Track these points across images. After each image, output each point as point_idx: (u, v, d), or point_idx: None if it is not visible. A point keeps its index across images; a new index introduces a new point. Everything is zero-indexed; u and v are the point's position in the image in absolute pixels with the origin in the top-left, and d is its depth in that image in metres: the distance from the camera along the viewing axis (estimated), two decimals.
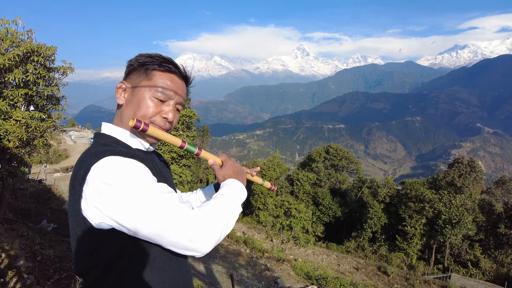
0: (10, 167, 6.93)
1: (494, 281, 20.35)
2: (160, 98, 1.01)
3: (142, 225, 0.83)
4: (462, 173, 24.90)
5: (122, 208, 0.82)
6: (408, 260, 23.86)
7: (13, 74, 5.85)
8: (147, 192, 0.83)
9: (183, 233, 0.84)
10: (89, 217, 0.87)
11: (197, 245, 0.85)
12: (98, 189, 0.83)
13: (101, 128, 1.06)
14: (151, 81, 1.01)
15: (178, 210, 0.85)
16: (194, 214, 0.87)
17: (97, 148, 0.92)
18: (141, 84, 1.00)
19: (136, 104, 1.00)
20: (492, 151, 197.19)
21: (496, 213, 23.42)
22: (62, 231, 9.27)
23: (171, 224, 0.83)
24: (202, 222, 0.86)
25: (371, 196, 27.43)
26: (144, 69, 1.02)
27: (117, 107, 1.06)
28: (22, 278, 4.38)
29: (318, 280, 12.21)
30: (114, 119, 1.05)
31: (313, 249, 21.33)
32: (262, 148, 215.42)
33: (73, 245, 0.95)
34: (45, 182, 18.41)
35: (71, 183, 0.92)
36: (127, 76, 1.04)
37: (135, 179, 0.84)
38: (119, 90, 1.04)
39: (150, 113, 1.00)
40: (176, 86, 1.04)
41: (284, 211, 20.92)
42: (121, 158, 0.87)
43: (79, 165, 0.91)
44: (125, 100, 1.03)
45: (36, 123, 6.28)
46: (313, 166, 33.43)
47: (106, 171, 0.84)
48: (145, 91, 1.00)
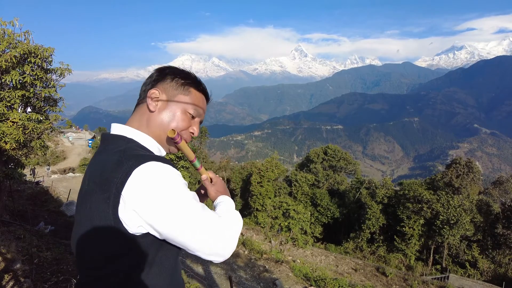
0: (7, 169, 6.88)
1: (492, 281, 20.41)
2: (192, 114, 1.09)
3: (179, 232, 0.87)
4: (460, 174, 24.98)
5: (163, 214, 0.85)
6: (406, 261, 23.90)
7: (10, 76, 5.82)
8: (186, 201, 0.88)
9: (215, 241, 0.90)
10: (124, 221, 0.87)
11: (224, 252, 0.92)
12: (141, 194, 0.84)
13: (111, 129, 1.07)
14: (188, 97, 1.09)
15: (212, 219, 0.91)
16: (222, 223, 0.93)
17: (129, 152, 0.93)
18: (178, 98, 1.07)
19: (172, 115, 1.06)
20: (489, 152, 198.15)
21: (494, 213, 23.51)
22: (59, 233, 9.22)
23: (207, 232, 0.89)
24: (229, 231, 0.94)
25: (369, 197, 27.47)
26: (181, 84, 1.09)
27: (139, 111, 1.08)
28: (19, 282, 4.35)
29: (317, 281, 12.19)
30: (133, 123, 1.06)
31: (311, 250, 21.32)
32: (260, 149, 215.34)
33: (90, 251, 0.93)
34: (42, 184, 18.31)
35: (99, 186, 0.90)
36: (157, 84, 1.08)
37: (175, 187, 0.88)
38: (152, 96, 1.05)
39: (182, 127, 1.07)
40: (205, 106, 1.16)
41: (282, 212, 20.90)
42: (162, 165, 0.89)
43: (112, 167, 0.89)
44: (157, 108, 1.05)
45: (33, 124, 6.23)
46: (311, 167, 33.45)
47: (150, 176, 0.86)
48: (181, 105, 1.07)
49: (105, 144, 1.02)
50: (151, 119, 1.05)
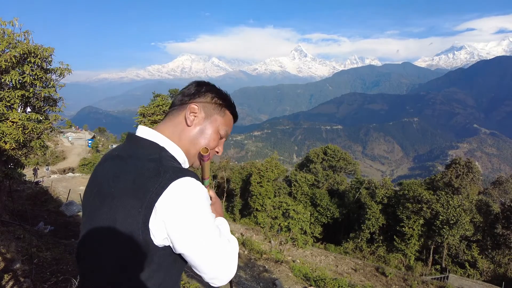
0: (7, 169, 6.88)
1: (492, 281, 20.42)
2: (222, 135, 1.14)
3: (196, 253, 0.90)
4: (460, 174, 24.98)
5: (187, 233, 0.87)
6: (406, 261, 23.90)
7: (10, 76, 5.81)
8: (209, 226, 0.91)
9: (223, 269, 0.94)
10: (153, 232, 0.87)
11: (226, 278, 0.96)
12: (173, 207, 0.86)
13: (138, 131, 1.06)
14: (223, 119, 1.13)
15: (225, 248, 0.94)
16: (229, 251, 0.96)
17: (165, 162, 0.94)
18: (214, 118, 1.11)
19: (206, 133, 1.09)
20: (489, 152, 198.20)
21: (493, 213, 23.52)
22: (59, 233, 9.21)
23: (219, 259, 0.92)
24: (232, 259, 0.97)
25: (369, 197, 27.47)
26: (220, 105, 1.13)
27: (173, 121, 1.09)
28: (19, 282, 4.35)
29: (317, 281, 12.19)
30: (165, 131, 1.07)
31: (311, 250, 21.33)
32: (260, 149, 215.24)
33: (108, 257, 0.92)
34: (42, 184, 18.30)
35: (130, 192, 0.89)
36: (197, 99, 1.10)
37: (204, 209, 0.90)
38: (192, 111, 1.08)
39: (212, 146, 1.11)
40: (232, 126, 1.20)
41: (282, 212, 20.90)
42: (196, 182, 0.91)
43: (149, 176, 0.89)
44: (193, 123, 1.08)
45: (33, 124, 6.23)
46: (311, 167, 33.45)
47: (185, 192, 0.88)
48: (215, 125, 1.11)
49: (134, 147, 1.01)
50: (185, 132, 1.07)
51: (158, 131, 1.06)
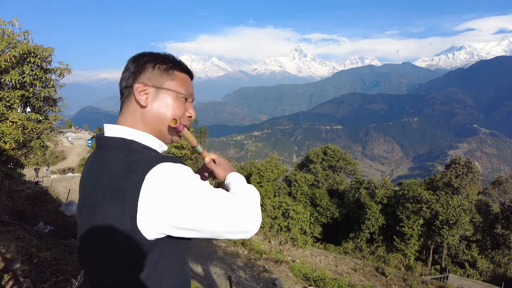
0: (6, 169, 6.88)
1: (491, 281, 20.43)
2: (184, 97, 1.03)
3: (206, 222, 0.85)
4: (459, 174, 25.00)
5: (186, 211, 0.83)
6: (405, 261, 23.91)
7: (10, 76, 5.81)
8: (204, 191, 0.87)
9: (242, 219, 0.90)
10: (144, 229, 0.83)
11: (252, 227, 0.93)
12: (159, 198, 0.81)
13: (104, 130, 1.00)
14: (176, 81, 1.02)
15: (233, 200, 0.91)
16: (243, 201, 0.94)
17: (135, 156, 0.88)
18: (166, 85, 1.00)
19: (165, 105, 0.99)
20: (488, 152, 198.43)
21: (493, 213, 23.53)
22: (58, 233, 9.21)
23: (232, 214, 0.89)
24: (250, 206, 0.95)
25: (369, 197, 27.48)
26: (164, 69, 1.01)
27: (128, 109, 1.01)
28: (18, 282, 4.35)
29: (316, 281, 12.20)
30: (127, 121, 0.99)
31: (311, 250, 21.32)
32: (260, 149, 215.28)
33: (106, 264, 0.89)
34: (41, 184, 18.30)
35: (109, 197, 0.85)
36: (139, 77, 0.99)
37: (190, 182, 0.85)
38: (139, 91, 0.98)
39: (180, 114, 1.02)
40: (192, 85, 1.09)
41: (282, 212, 20.91)
42: (173, 164, 0.86)
43: (122, 175, 0.85)
44: (148, 102, 0.98)
45: (32, 124, 6.23)
46: (311, 167, 33.45)
47: (164, 178, 0.82)
48: (171, 91, 1.00)
49: (103, 149, 0.96)
50: (145, 114, 0.98)
51: (120, 124, 0.99)
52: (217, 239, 14.63)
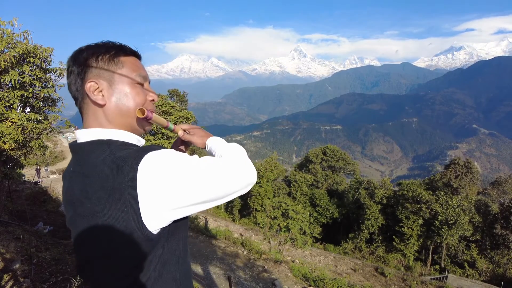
0: (6, 169, 6.87)
1: (491, 281, 20.45)
2: (139, 82, 0.97)
3: (212, 192, 0.87)
4: (459, 174, 25.04)
5: (191, 188, 0.83)
6: (405, 261, 23.93)
7: (9, 76, 5.81)
8: (199, 165, 0.87)
9: (240, 176, 0.93)
10: (148, 222, 0.82)
11: (252, 179, 0.97)
12: (159, 185, 0.80)
13: (77, 137, 0.95)
14: (125, 68, 0.95)
15: (226, 162, 0.93)
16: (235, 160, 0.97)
17: (119, 153, 0.85)
18: (118, 75, 0.94)
19: (124, 96, 0.94)
20: (488, 152, 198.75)
21: (492, 213, 23.56)
22: (58, 233, 9.20)
23: (232, 175, 0.91)
24: (242, 161, 0.98)
25: (368, 197, 27.50)
26: (108, 59, 0.94)
27: (89, 112, 0.95)
28: (18, 282, 4.34)
29: (316, 281, 12.21)
30: (93, 124, 0.94)
31: (310, 251, 21.32)
32: (259, 149, 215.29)
33: (114, 267, 0.86)
34: (41, 184, 18.28)
35: (105, 199, 0.82)
36: (86, 76, 0.92)
37: (183, 161, 0.85)
38: (92, 91, 0.91)
39: (142, 100, 0.96)
40: (142, 66, 1.02)
41: (281, 212, 20.91)
42: (159, 151, 0.84)
43: (113, 175, 0.81)
44: (105, 99, 0.92)
45: (32, 124, 6.23)
46: (310, 167, 33.48)
47: (157, 166, 0.81)
48: (125, 80, 0.94)
49: (82, 155, 0.91)
50: (107, 112, 0.93)
51: (90, 127, 0.94)
52: (217, 239, 14.64)
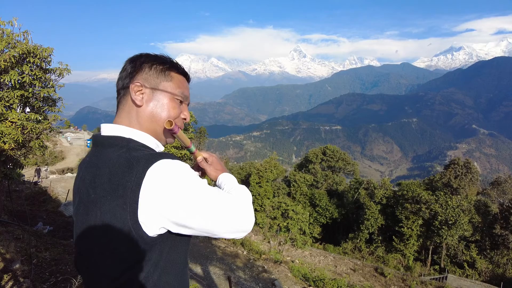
0: (6, 169, 6.86)
1: (490, 281, 20.47)
2: (180, 99, 1.04)
3: (205, 220, 0.87)
4: (458, 174, 25.07)
5: (187, 208, 0.84)
6: (404, 261, 23.94)
7: (9, 76, 5.81)
8: (204, 189, 0.88)
9: (239, 220, 0.92)
10: (145, 225, 0.84)
11: (248, 226, 0.95)
12: (160, 193, 0.82)
13: (101, 130, 1.00)
14: (172, 83, 1.03)
15: (230, 200, 0.93)
16: (239, 201, 0.96)
17: (134, 153, 0.89)
18: (162, 86, 1.01)
19: (161, 105, 1.00)
20: (487, 152, 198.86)
21: (492, 214, 23.59)
22: (58, 233, 9.20)
23: (230, 213, 0.90)
24: (245, 207, 0.96)
25: (368, 197, 27.52)
26: (161, 70, 1.02)
27: (124, 108, 1.02)
28: (18, 282, 4.34)
29: (316, 281, 12.22)
30: (123, 121, 1.00)
31: (310, 251, 21.33)
32: (259, 149, 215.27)
33: (107, 263, 0.88)
34: (40, 184, 18.27)
35: (109, 193, 0.85)
36: (135, 76, 1.00)
37: (190, 179, 0.86)
38: (136, 90, 0.99)
39: (174, 115, 1.02)
40: (188, 88, 1.09)
41: (281, 212, 20.93)
42: (172, 161, 0.87)
43: (122, 171, 0.85)
44: (143, 102, 0.99)
45: (32, 124, 6.22)
46: (310, 168, 33.48)
47: (165, 174, 0.83)
48: (167, 93, 1.01)
49: (101, 148, 0.96)
50: (140, 114, 0.99)
51: (117, 123, 1.00)
52: (217, 239, 14.63)
